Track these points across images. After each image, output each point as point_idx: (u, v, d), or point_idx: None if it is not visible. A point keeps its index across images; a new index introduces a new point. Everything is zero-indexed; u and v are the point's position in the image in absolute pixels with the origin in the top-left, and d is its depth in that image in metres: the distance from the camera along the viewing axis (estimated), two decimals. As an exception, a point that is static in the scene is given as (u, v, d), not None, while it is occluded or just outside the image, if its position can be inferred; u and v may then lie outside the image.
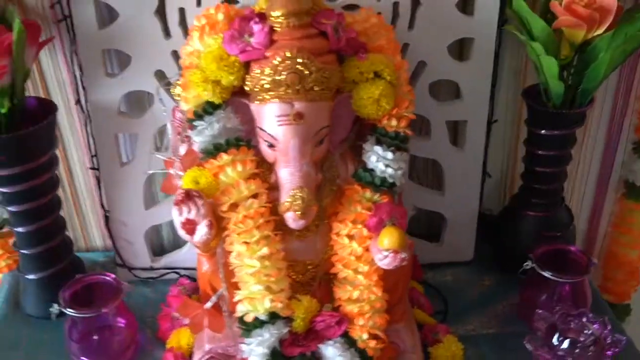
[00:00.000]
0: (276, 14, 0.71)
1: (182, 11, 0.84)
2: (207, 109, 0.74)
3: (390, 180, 0.77)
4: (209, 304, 0.79)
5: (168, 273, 1.00)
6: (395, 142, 0.77)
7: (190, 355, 0.85)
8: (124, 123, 0.90)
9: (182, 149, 0.82)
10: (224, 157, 0.74)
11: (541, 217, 0.98)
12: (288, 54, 0.69)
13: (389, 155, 0.77)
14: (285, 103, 0.71)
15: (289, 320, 0.76)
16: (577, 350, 0.80)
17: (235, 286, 0.76)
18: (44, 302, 0.93)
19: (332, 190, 0.79)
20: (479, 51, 0.89)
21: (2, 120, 0.81)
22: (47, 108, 0.85)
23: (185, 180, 0.75)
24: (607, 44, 0.80)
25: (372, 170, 0.78)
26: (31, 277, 0.92)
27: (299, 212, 0.72)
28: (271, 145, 0.74)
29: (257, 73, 0.71)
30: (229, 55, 0.72)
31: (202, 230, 0.72)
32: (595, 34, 0.80)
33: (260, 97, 0.72)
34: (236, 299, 0.75)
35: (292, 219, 0.73)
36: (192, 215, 0.71)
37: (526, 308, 0.93)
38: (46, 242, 0.90)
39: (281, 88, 0.70)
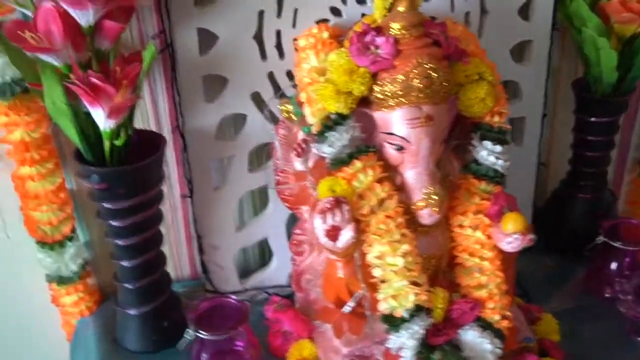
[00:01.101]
0: (397, 26, 0.77)
1: (278, 33, 0.87)
2: (337, 120, 0.78)
3: (501, 171, 0.84)
4: (348, 308, 0.82)
5: (259, 293, 1.01)
6: (500, 136, 0.84)
7: (317, 364, 0.88)
8: (220, 147, 0.92)
9: (298, 164, 0.85)
10: (357, 164, 0.78)
11: (590, 199, 1.08)
12: (420, 61, 0.75)
13: (498, 148, 0.84)
14: (415, 107, 0.77)
15: (429, 311, 0.80)
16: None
17: (372, 287, 0.80)
18: (145, 337, 0.92)
19: (445, 187, 0.85)
20: (536, 52, 0.98)
21: (117, 153, 0.81)
22: (151, 140, 0.85)
23: (321, 190, 0.78)
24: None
25: (483, 164, 0.84)
26: (133, 312, 0.91)
27: (436, 208, 0.78)
28: (400, 149, 0.79)
29: (388, 82, 0.76)
30: (358, 67, 0.76)
31: (347, 235, 0.75)
32: (642, 27, 0.92)
33: (389, 104, 0.77)
34: (380, 297, 0.79)
35: (427, 215, 0.79)
36: (338, 221, 0.75)
37: (595, 281, 1.02)
38: (149, 276, 0.89)
39: (413, 93, 0.76)
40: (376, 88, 0.77)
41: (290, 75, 0.90)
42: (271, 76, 0.89)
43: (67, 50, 0.71)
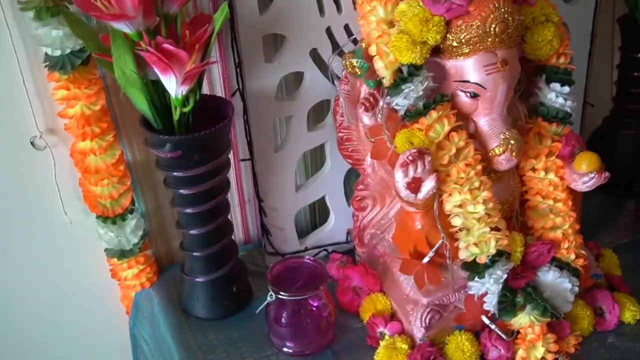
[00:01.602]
0: (468, -29, 0.75)
1: (335, -13, 0.85)
2: (411, 71, 0.77)
3: (570, 112, 0.84)
4: (427, 259, 0.82)
5: (320, 251, 1.01)
6: (566, 77, 0.84)
7: (392, 315, 0.88)
8: (280, 107, 0.90)
9: (366, 118, 0.85)
10: (433, 114, 0.78)
11: (635, 135, 1.09)
12: (497, 5, 0.74)
13: (566, 89, 0.84)
14: (490, 52, 0.76)
15: (509, 256, 0.81)
16: None
17: (451, 235, 0.81)
18: (216, 303, 0.92)
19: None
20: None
21: (185, 120, 0.79)
22: (216, 105, 0.84)
23: (399, 143, 0.78)
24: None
25: (552, 106, 0.84)
26: (201, 279, 0.90)
27: (515, 152, 0.78)
28: (474, 96, 0.78)
29: (462, 28, 0.75)
30: (433, 16, 0.75)
31: (429, 185, 0.75)
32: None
33: (463, 51, 0.76)
34: (462, 245, 0.79)
35: (506, 160, 0.79)
36: (419, 172, 0.75)
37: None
38: (218, 243, 0.89)
39: (489, 39, 0.75)
40: (450, 36, 0.76)
41: (347, 29, 0.88)
42: (329, 31, 0.88)
43: (139, 16, 0.69)
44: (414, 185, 0.76)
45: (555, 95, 0.84)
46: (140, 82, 0.75)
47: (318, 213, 1.05)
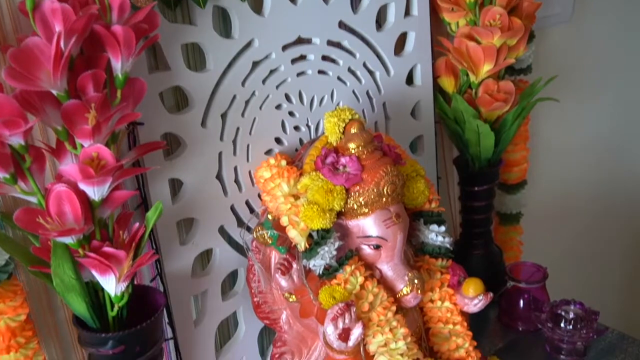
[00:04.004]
0: (354, 145, 0.89)
1: (235, 169, 0.95)
2: (323, 235, 0.88)
3: (450, 247, 1.00)
4: (362, 400, 0.90)
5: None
6: (440, 218, 1.00)
7: None
8: (196, 284, 0.95)
9: (283, 281, 0.93)
10: (347, 269, 0.89)
11: (483, 253, 1.29)
12: (385, 171, 0.89)
13: (442, 228, 1.00)
14: (385, 209, 0.90)
15: (429, 382, 0.92)
16: None
17: (379, 375, 0.90)
18: None
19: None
20: (426, 143, 1.18)
21: (120, 314, 0.82)
22: (145, 294, 0.87)
23: (323, 299, 0.87)
24: (512, 117, 1.16)
25: (434, 244, 0.99)
26: None
27: (420, 289, 0.91)
28: (376, 247, 0.91)
29: (360, 192, 0.88)
30: (335, 186, 0.88)
31: (357, 332, 0.85)
32: (504, 110, 1.16)
33: (363, 211, 0.89)
34: (392, 381, 0.89)
35: (413, 298, 0.91)
36: (347, 323, 0.84)
37: (508, 318, 1.22)
38: None
39: (383, 198, 0.89)
40: (350, 200, 0.89)
41: (248, 204, 0.98)
42: (233, 209, 0.96)
43: (82, 227, 0.73)
44: (344, 335, 0.85)
45: (435, 235, 0.99)
46: (78, 287, 0.77)
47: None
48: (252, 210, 0.98)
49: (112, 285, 0.77)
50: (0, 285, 0.80)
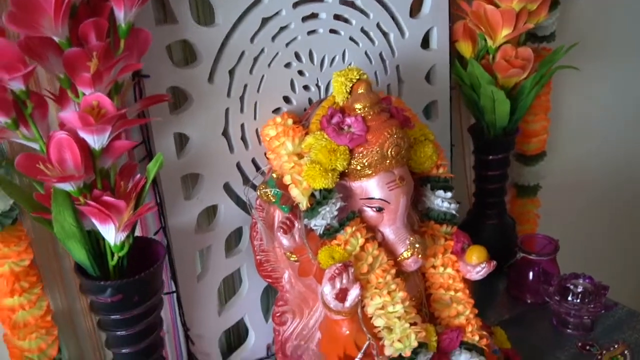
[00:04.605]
0: (360, 106, 0.89)
1: (242, 126, 0.95)
2: (325, 195, 0.88)
3: (455, 213, 0.99)
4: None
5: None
6: (447, 184, 0.99)
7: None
8: (200, 239, 0.96)
9: (285, 240, 0.93)
10: (348, 230, 0.88)
11: (496, 223, 1.28)
12: (390, 132, 0.88)
13: (449, 194, 0.99)
14: (389, 172, 0.89)
15: (427, 346, 0.92)
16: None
17: (375, 335, 0.90)
18: None
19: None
20: (441, 109, 1.16)
21: (120, 263, 0.83)
22: (147, 246, 0.88)
23: (322, 259, 0.87)
24: (530, 85, 1.14)
25: (439, 210, 0.98)
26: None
27: (421, 254, 0.90)
28: (379, 210, 0.90)
29: (364, 154, 0.88)
30: (339, 146, 0.87)
31: (355, 293, 0.85)
32: (522, 77, 1.13)
33: (366, 173, 0.88)
34: (387, 343, 0.88)
35: (414, 262, 0.91)
36: (345, 283, 0.84)
37: (517, 290, 1.21)
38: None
39: (387, 160, 0.88)
40: (353, 161, 0.88)
41: (255, 162, 0.98)
42: (239, 166, 0.96)
43: (83, 175, 0.74)
44: (341, 295, 0.85)
45: (441, 201, 0.98)
46: (79, 234, 0.78)
47: (233, 333, 1.09)
48: (258, 169, 0.98)
49: (111, 234, 0.78)
50: (5, 229, 0.82)
